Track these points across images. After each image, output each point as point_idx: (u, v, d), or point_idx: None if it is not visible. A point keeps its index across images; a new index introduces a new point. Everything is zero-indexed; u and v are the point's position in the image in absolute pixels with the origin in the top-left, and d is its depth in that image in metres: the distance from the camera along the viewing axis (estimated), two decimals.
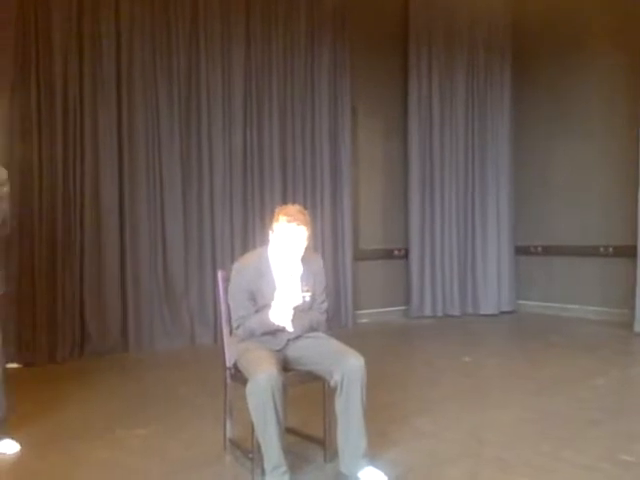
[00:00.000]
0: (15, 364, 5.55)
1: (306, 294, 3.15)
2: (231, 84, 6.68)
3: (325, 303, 3.30)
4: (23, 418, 4.05)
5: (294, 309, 3.08)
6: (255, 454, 2.96)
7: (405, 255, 7.92)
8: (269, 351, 3.01)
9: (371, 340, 6.47)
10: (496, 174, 7.93)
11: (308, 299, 3.17)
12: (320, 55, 7.21)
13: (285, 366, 3.03)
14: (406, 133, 7.83)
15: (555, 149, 7.74)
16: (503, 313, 7.86)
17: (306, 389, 3.21)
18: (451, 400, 4.32)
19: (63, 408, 4.28)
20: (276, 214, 3.14)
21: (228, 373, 3.27)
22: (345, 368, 2.91)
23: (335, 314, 7.09)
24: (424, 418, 3.91)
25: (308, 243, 3.16)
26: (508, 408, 4.12)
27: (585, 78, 7.44)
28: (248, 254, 3.39)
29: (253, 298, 3.11)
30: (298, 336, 3.13)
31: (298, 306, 3.10)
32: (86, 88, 5.93)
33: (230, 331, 3.28)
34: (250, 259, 3.25)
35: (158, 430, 3.80)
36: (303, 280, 3.16)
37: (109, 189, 6.05)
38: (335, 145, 7.33)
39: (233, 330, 3.20)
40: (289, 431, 3.14)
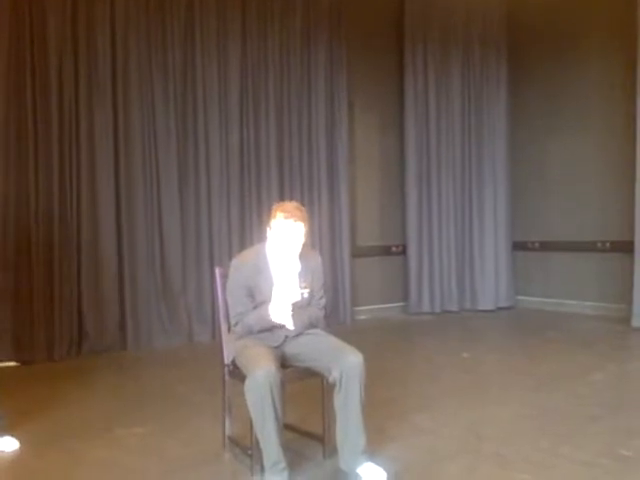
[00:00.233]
0: (12, 362, 5.55)
1: (304, 290, 3.15)
2: (227, 81, 6.66)
3: (323, 299, 3.30)
4: (21, 416, 4.04)
5: (292, 306, 3.08)
6: (254, 451, 2.96)
7: (403, 251, 7.91)
8: (267, 348, 3.00)
9: (369, 336, 6.47)
10: (493, 169, 7.93)
11: (306, 295, 3.17)
12: (316, 52, 7.20)
13: (283, 363, 3.02)
14: (403, 129, 7.82)
15: (552, 144, 7.74)
16: (501, 309, 7.86)
17: (304, 386, 3.21)
18: (450, 396, 4.33)
19: (61, 406, 4.27)
20: (273, 211, 3.13)
21: (226, 370, 3.27)
22: (344, 365, 2.91)
23: (333, 311, 7.09)
24: (423, 414, 3.91)
25: (306, 239, 3.15)
26: (507, 404, 4.13)
27: (581, 73, 7.43)
28: (246, 251, 3.39)
29: (251, 294, 3.10)
30: (298, 333, 3.12)
31: (296, 303, 3.10)
32: (81, 86, 5.90)
33: (228, 328, 3.27)
34: (248, 256, 3.25)
35: (156, 428, 3.79)
36: (301, 277, 3.16)
37: (106, 187, 6.03)
38: (332, 141, 7.32)
39: (231, 327, 3.20)
40: (288, 428, 3.14)
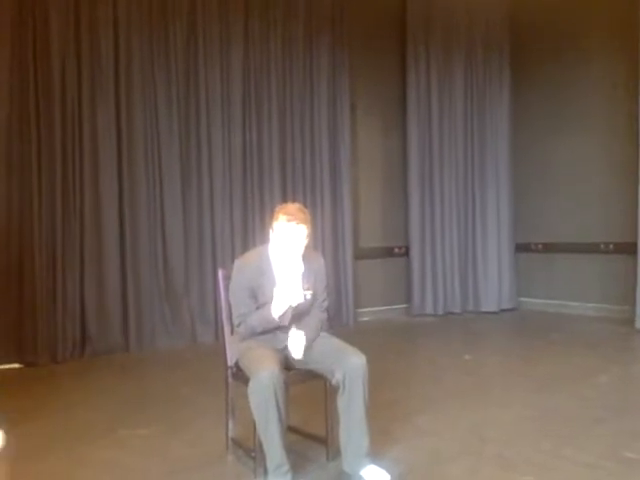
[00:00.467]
0: (16, 364, 5.57)
1: (307, 292, 3.15)
2: (230, 83, 6.67)
3: (326, 302, 3.30)
4: (24, 418, 4.05)
5: (296, 309, 3.08)
6: (257, 453, 2.96)
7: (405, 253, 7.91)
8: (271, 350, 3.01)
9: (372, 338, 6.46)
10: (495, 171, 7.92)
11: (309, 297, 3.16)
12: (319, 54, 7.20)
13: (287, 365, 3.02)
14: (405, 130, 7.82)
15: (555, 145, 7.73)
16: (504, 311, 7.84)
17: (308, 388, 3.21)
18: (453, 398, 4.32)
19: (64, 408, 4.28)
20: (276, 213, 3.13)
21: (229, 372, 3.27)
22: (347, 366, 2.91)
23: (336, 312, 7.09)
24: (426, 416, 3.91)
25: (308, 241, 3.15)
26: (509, 406, 4.12)
27: (584, 73, 7.41)
28: (249, 252, 3.39)
29: (254, 296, 3.11)
30: (311, 341, 3.09)
31: (299, 305, 3.10)
32: (84, 88, 5.92)
33: (231, 330, 3.28)
34: (251, 257, 3.25)
35: (160, 430, 3.79)
36: (304, 278, 3.15)
37: (109, 189, 6.04)
38: (334, 144, 7.32)
39: (234, 328, 3.20)
40: (291, 430, 3.14)
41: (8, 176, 5.61)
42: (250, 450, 3.09)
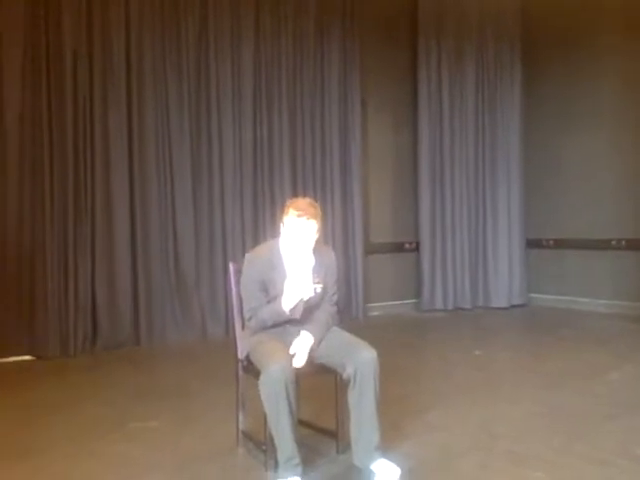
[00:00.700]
0: (27, 356, 5.61)
1: (317, 286, 3.14)
2: (241, 80, 6.67)
3: (335, 296, 3.29)
4: (36, 411, 4.08)
5: (306, 302, 3.08)
6: (268, 446, 2.97)
7: (416, 248, 7.90)
8: (282, 343, 3.01)
9: (382, 333, 6.45)
10: (507, 167, 7.89)
11: (319, 291, 3.16)
12: (329, 50, 7.19)
13: None
14: (416, 127, 7.80)
15: (566, 141, 7.68)
16: (514, 306, 7.82)
17: (318, 382, 3.21)
18: (463, 393, 4.32)
19: (75, 401, 4.31)
20: (286, 207, 3.13)
21: (240, 365, 3.28)
22: (358, 361, 2.91)
23: (346, 307, 7.10)
24: (436, 411, 3.91)
25: (319, 235, 3.15)
26: (520, 402, 4.11)
27: (596, 69, 7.36)
28: (260, 246, 3.39)
29: (265, 289, 3.11)
30: (320, 339, 3.09)
31: (310, 299, 3.10)
32: (96, 86, 5.94)
33: (242, 324, 3.28)
34: (262, 251, 3.25)
35: (170, 423, 3.81)
36: (315, 272, 3.15)
37: (120, 185, 6.07)
38: (345, 140, 7.31)
39: (245, 321, 3.20)
40: (302, 423, 3.14)
41: (21, 175, 5.64)
42: (261, 443, 3.10)
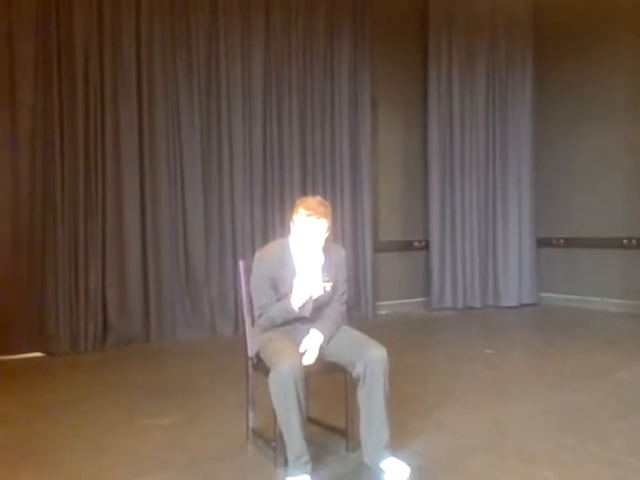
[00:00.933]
0: (38, 353, 5.64)
1: (327, 284, 3.14)
2: (251, 77, 6.69)
3: (345, 295, 3.29)
4: (46, 407, 4.10)
5: (316, 301, 3.08)
6: (277, 443, 2.98)
7: (425, 247, 7.89)
8: (292, 341, 3.01)
9: (391, 331, 6.45)
10: (517, 166, 7.86)
11: (329, 289, 3.16)
12: (340, 47, 7.19)
13: None
14: (426, 125, 7.79)
15: (578, 140, 7.65)
16: (524, 305, 7.80)
17: (328, 380, 3.21)
18: (472, 392, 4.31)
19: (85, 397, 4.33)
20: (296, 206, 3.12)
21: (250, 363, 3.28)
22: (367, 359, 2.91)
23: (355, 305, 7.10)
24: (445, 410, 3.90)
25: (329, 234, 3.15)
26: (530, 401, 4.10)
27: (608, 68, 7.32)
28: (270, 244, 3.39)
29: (275, 287, 3.11)
30: (330, 337, 3.09)
31: (319, 297, 3.10)
32: (107, 82, 5.97)
33: (252, 322, 3.29)
34: (272, 249, 3.26)
35: (181, 420, 3.82)
36: (324, 270, 3.15)
37: (131, 182, 6.10)
38: (355, 138, 7.31)
39: (255, 319, 3.21)
40: (311, 421, 3.15)
41: (32, 171, 5.67)
42: (270, 440, 3.10)
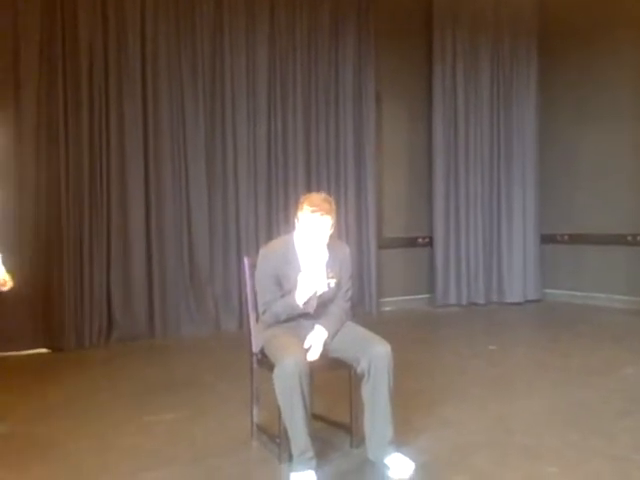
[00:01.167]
0: (43, 349, 5.65)
1: (331, 281, 3.14)
2: (255, 74, 6.67)
3: (350, 291, 3.29)
4: (51, 403, 4.11)
5: (320, 297, 3.08)
6: (282, 439, 2.98)
7: (429, 243, 7.87)
8: (296, 337, 3.02)
9: (396, 328, 6.44)
10: (522, 162, 7.84)
11: (333, 285, 3.16)
12: (344, 44, 7.16)
13: None
14: (431, 121, 7.75)
15: (582, 136, 7.62)
16: (529, 302, 7.78)
17: (333, 376, 3.22)
18: (477, 388, 4.30)
19: (90, 393, 4.34)
20: (301, 203, 3.13)
21: (254, 359, 3.29)
22: (372, 355, 2.92)
23: (359, 302, 7.09)
24: (450, 406, 3.90)
25: (333, 230, 3.15)
26: (534, 397, 4.10)
27: (613, 64, 7.28)
28: (274, 240, 3.40)
29: (279, 283, 3.11)
30: (334, 334, 3.09)
31: (323, 294, 3.10)
32: (111, 79, 5.97)
33: (257, 318, 3.29)
34: (276, 245, 3.26)
35: (185, 415, 3.83)
36: (329, 267, 3.15)
37: (135, 178, 6.10)
38: (359, 134, 7.29)
39: (260, 316, 3.21)
40: (316, 417, 3.15)
41: (37, 167, 5.68)
42: (275, 436, 3.11)
